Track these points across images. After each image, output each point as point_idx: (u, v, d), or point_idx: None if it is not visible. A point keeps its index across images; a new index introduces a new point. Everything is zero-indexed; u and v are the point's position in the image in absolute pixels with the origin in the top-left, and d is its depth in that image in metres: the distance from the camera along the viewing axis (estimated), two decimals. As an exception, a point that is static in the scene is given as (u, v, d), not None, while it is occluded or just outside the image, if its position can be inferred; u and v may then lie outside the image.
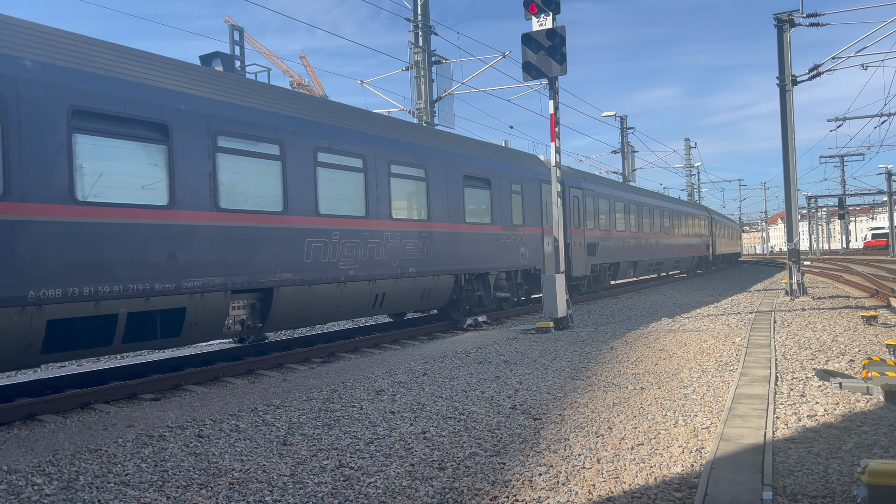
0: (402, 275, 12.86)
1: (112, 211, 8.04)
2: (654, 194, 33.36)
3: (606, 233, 23.63)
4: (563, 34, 13.76)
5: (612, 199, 24.74)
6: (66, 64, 7.77)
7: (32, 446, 6.27)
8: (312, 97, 13.14)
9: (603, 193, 24.02)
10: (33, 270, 7.29)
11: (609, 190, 25.02)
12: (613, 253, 24.36)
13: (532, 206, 17.98)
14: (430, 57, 22.51)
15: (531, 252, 17.76)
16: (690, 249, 37.49)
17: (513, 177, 17.12)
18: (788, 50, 20.04)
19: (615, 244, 24.62)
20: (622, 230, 25.65)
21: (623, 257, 25.60)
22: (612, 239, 24.32)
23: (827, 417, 6.41)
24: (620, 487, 4.83)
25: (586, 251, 21.27)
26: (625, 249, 25.74)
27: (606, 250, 23.47)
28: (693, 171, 65.18)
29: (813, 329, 12.51)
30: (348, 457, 5.69)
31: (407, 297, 13.23)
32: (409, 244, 13.18)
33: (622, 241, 25.52)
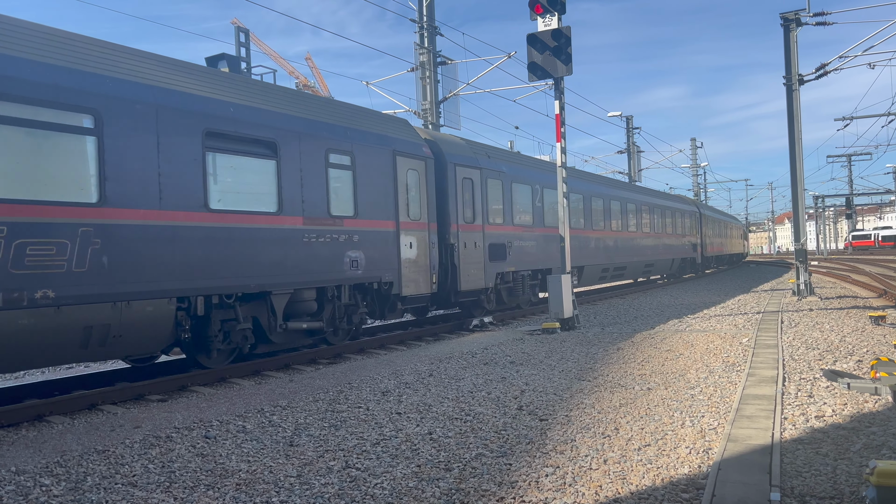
0: (15, 304, 7.33)
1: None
2: (610, 182, 27.07)
3: (526, 230, 17.92)
4: (569, 34, 13.74)
5: (536, 185, 18.94)
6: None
7: (40, 447, 6.30)
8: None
9: (520, 177, 18.17)
10: None
11: (532, 173, 19.10)
12: (540, 256, 18.67)
13: (378, 189, 12.47)
14: (436, 58, 22.53)
15: (373, 257, 12.22)
16: (668, 250, 31.32)
17: (331, 141, 11.49)
18: (795, 49, 19.97)
19: (542, 245, 18.87)
20: (554, 225, 19.44)
21: (556, 261, 19.23)
22: (536, 238, 18.55)
23: (835, 418, 6.38)
24: (627, 488, 4.82)
25: (487, 255, 15.85)
26: (558, 252, 20.18)
27: (526, 253, 17.77)
28: (699, 172, 65.03)
29: (820, 329, 12.46)
30: (355, 458, 5.70)
31: (32, 346, 7.57)
32: (35, 250, 7.57)
33: (554, 241, 19.48)
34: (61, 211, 7.83)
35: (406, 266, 13.11)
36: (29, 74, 7.67)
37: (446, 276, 14.56)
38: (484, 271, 15.82)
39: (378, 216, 12.53)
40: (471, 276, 15.26)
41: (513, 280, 17.43)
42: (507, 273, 17.04)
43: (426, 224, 13.82)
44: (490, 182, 16.56)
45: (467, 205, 15.52)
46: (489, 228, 16.27)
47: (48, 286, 7.63)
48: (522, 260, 17.71)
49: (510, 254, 17.06)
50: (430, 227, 13.92)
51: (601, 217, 23.58)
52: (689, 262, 36.09)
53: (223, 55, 12.11)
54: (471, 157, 16.00)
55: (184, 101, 9.24)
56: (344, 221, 11.71)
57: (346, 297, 11.89)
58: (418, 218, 13.54)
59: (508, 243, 17.02)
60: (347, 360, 11.44)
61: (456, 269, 14.76)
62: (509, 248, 17.07)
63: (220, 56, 12.10)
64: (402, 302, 13.09)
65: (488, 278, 16.01)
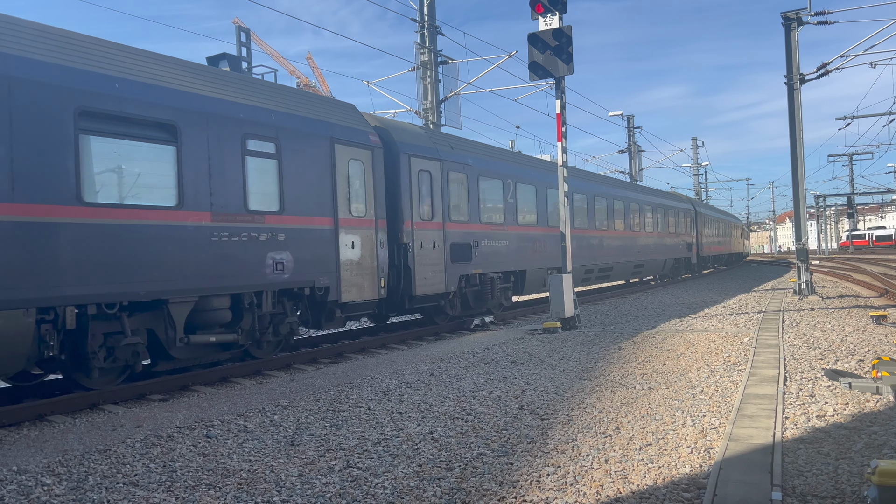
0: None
1: None
2: (596, 177, 25.20)
3: (496, 228, 16.38)
4: (570, 34, 13.74)
5: (508, 179, 17.34)
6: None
7: (42, 447, 6.31)
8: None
9: (490, 171, 16.56)
10: None
11: (504, 167, 17.44)
12: (512, 257, 17.15)
13: (311, 181, 10.91)
14: (437, 57, 22.52)
15: (303, 258, 10.68)
16: (661, 250, 29.70)
17: (251, 126, 9.98)
18: (796, 48, 19.96)
19: (515, 245, 17.33)
20: (530, 224, 18.27)
21: (532, 263, 18.16)
22: (508, 238, 16.97)
23: (836, 418, 6.38)
24: (629, 488, 4.82)
25: (448, 255, 14.37)
26: (534, 252, 18.35)
27: (496, 254, 16.23)
28: (700, 171, 65.00)
29: (822, 329, 12.45)
30: (356, 457, 5.70)
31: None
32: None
33: (530, 241, 18.09)
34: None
35: (347, 269, 11.53)
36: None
37: (399, 279, 13.11)
38: (444, 273, 14.19)
39: (311, 212, 10.94)
40: (428, 279, 13.66)
41: (480, 283, 15.80)
42: (473, 275, 15.42)
43: (373, 221, 12.22)
44: (453, 175, 14.97)
45: (424, 200, 13.91)
46: (451, 226, 14.71)
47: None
48: (492, 261, 16.12)
49: (477, 254, 15.48)
50: (377, 224, 12.33)
51: (585, 215, 22.12)
52: (684, 262, 34.51)
53: (224, 55, 12.11)
54: (429, 148, 14.37)
55: (49, 73, 7.76)
56: (266, 218, 10.14)
57: (269, 305, 10.31)
58: (363, 214, 11.98)
59: (474, 243, 15.38)
60: (348, 359, 11.45)
61: (410, 271, 13.16)
62: (475, 248, 15.44)
63: (221, 56, 12.10)
64: (341, 309, 11.56)
65: (450, 281, 14.38)
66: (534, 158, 21.02)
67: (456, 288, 14.66)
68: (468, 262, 15.14)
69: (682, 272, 34.66)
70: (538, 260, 18.45)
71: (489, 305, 16.44)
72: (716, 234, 43.02)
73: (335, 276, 11.30)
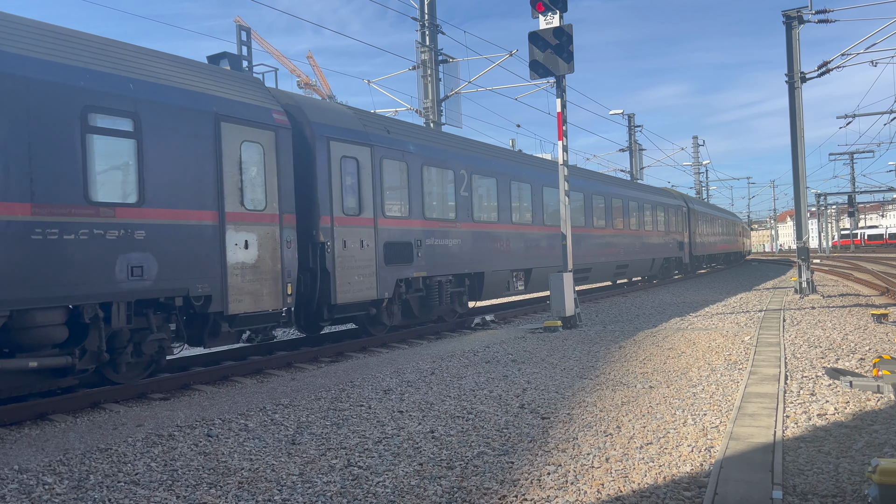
0: None
1: None
2: (572, 170, 21.84)
3: (446, 225, 14.47)
4: (571, 32, 13.73)
5: (462, 170, 15.40)
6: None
7: (43, 446, 6.32)
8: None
9: (438, 159, 14.58)
10: None
11: (456, 155, 15.37)
12: (468, 258, 15.28)
13: (185, 166, 9.06)
14: (437, 56, 22.52)
15: (172, 261, 8.80)
16: (647, 249, 27.64)
17: (95, 96, 8.16)
18: (797, 47, 19.95)
19: (471, 244, 15.45)
20: (490, 220, 16.33)
21: (493, 264, 16.21)
22: (461, 236, 15.12)
23: (837, 416, 6.38)
24: (629, 487, 4.82)
25: (381, 256, 12.49)
26: (496, 252, 16.33)
27: (446, 254, 14.38)
28: (701, 170, 65.01)
29: (823, 327, 12.45)
30: (357, 456, 5.70)
31: None
32: None
33: (489, 240, 16.17)
34: None
35: (237, 273, 9.63)
36: None
37: (315, 284, 11.27)
38: (376, 277, 12.31)
39: (185, 204, 8.99)
40: (353, 284, 11.75)
41: (426, 287, 13.99)
42: (415, 279, 13.58)
43: (276, 216, 10.33)
44: (389, 164, 13.02)
45: (350, 192, 11.95)
46: (386, 223, 12.80)
47: None
48: (440, 262, 14.21)
49: (420, 255, 13.57)
50: (282, 219, 10.43)
51: (556, 212, 19.51)
52: (675, 262, 32.57)
53: (225, 53, 12.10)
54: (356, 131, 12.32)
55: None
56: (117, 211, 8.25)
57: (123, 319, 8.43)
58: (261, 207, 10.09)
59: (417, 242, 13.49)
60: (349, 358, 11.45)
61: (329, 275, 11.27)
62: (418, 247, 13.54)
63: (221, 54, 12.10)
64: (230, 322, 9.68)
65: (384, 286, 12.52)
66: (496, 147, 18.41)
67: (392, 294, 12.82)
68: (408, 263, 13.24)
69: (673, 273, 32.82)
70: (500, 260, 16.52)
71: (439, 313, 14.68)
72: (711, 232, 41.26)
73: (220, 282, 9.37)
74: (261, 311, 10.07)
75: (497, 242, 16.51)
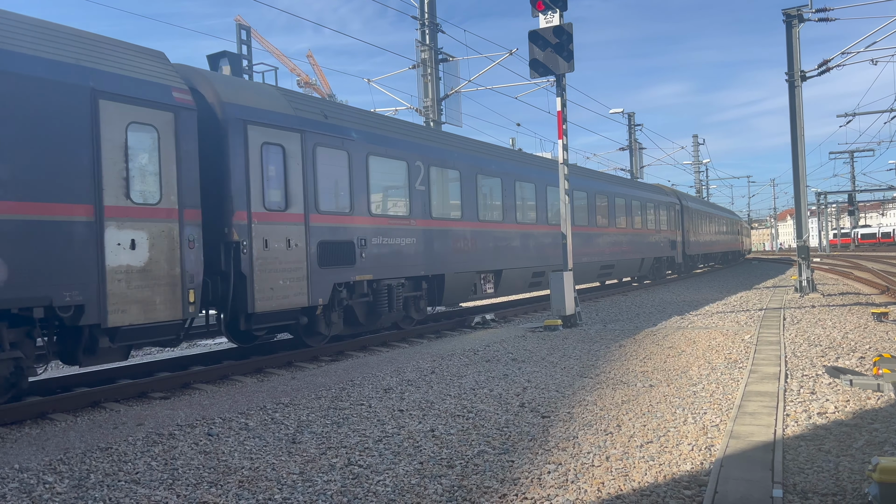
0: None
1: None
2: (546, 162, 20.65)
3: (396, 223, 13.01)
4: (571, 31, 13.73)
5: (417, 161, 13.83)
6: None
7: (44, 445, 6.32)
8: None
9: (387, 149, 13.06)
10: None
11: (410, 145, 13.83)
12: (425, 259, 13.80)
13: (52, 151, 7.69)
14: (437, 55, 22.51)
15: (28, 264, 7.44)
16: (635, 249, 26.15)
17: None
18: (797, 45, 19.94)
19: (428, 244, 13.95)
20: (452, 217, 14.82)
21: (455, 265, 14.68)
22: (415, 234, 13.63)
23: (837, 415, 6.38)
24: (630, 485, 4.82)
25: (315, 257, 11.04)
26: (458, 252, 14.74)
27: (397, 255, 12.97)
28: (701, 168, 65.01)
29: (823, 326, 12.45)
30: (357, 455, 5.71)
31: None
32: None
33: (450, 239, 14.65)
34: None
35: (119, 279, 8.22)
36: None
37: (227, 290, 9.79)
38: (307, 281, 10.84)
39: (46, 196, 7.57)
40: (278, 289, 10.32)
41: (373, 292, 12.53)
42: (358, 283, 12.13)
43: (174, 211, 8.91)
44: (324, 152, 11.44)
45: (274, 184, 10.51)
46: (321, 219, 11.28)
47: None
48: (390, 264, 12.77)
49: (365, 256, 12.11)
50: (183, 215, 9.02)
51: (531, 209, 18.19)
52: (667, 261, 31.08)
53: (225, 53, 12.11)
54: (283, 115, 10.81)
55: None
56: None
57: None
58: (154, 201, 8.70)
59: (361, 241, 12.04)
60: (349, 357, 11.45)
61: (246, 279, 9.84)
62: (362, 247, 12.07)
63: (221, 54, 12.11)
64: (111, 337, 8.27)
65: (317, 291, 11.04)
66: (458, 137, 16.66)
67: (329, 300, 11.44)
68: (350, 265, 11.76)
69: (665, 273, 31.19)
70: (464, 262, 14.97)
71: (391, 320, 13.22)
72: (707, 230, 39.68)
73: (95, 289, 7.96)
74: (153, 323, 8.60)
75: (460, 242, 15.04)
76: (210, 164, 9.90)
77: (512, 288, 17.18)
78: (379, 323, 12.89)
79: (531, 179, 18.32)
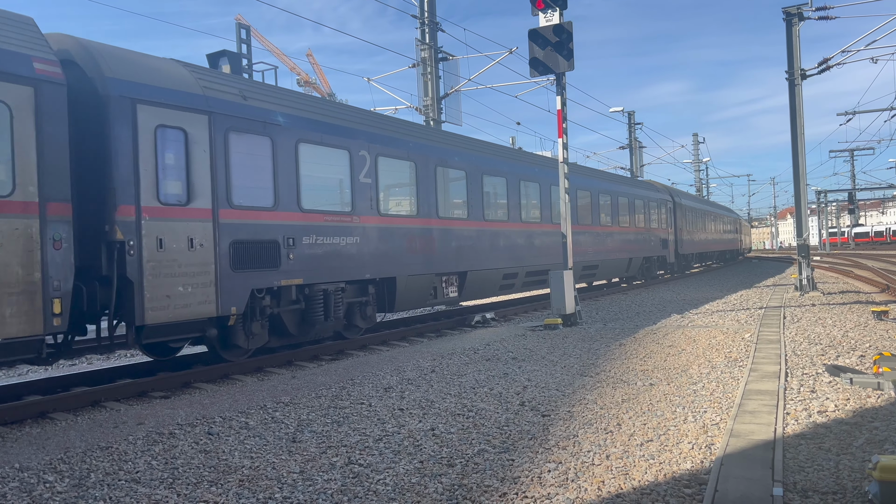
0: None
1: None
2: (524, 156, 19.03)
3: (333, 220, 11.47)
4: (570, 30, 13.72)
5: (359, 150, 12.22)
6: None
7: (44, 444, 6.32)
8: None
9: (320, 136, 11.47)
10: None
11: (347, 132, 12.06)
12: (370, 260, 12.26)
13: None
14: (437, 54, 22.50)
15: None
16: (623, 248, 24.87)
17: None
18: (797, 44, 19.93)
19: (374, 243, 12.38)
20: (403, 214, 13.34)
21: (412, 267, 13.34)
22: (360, 232, 12.05)
23: (837, 413, 6.38)
24: (630, 484, 4.82)
25: (228, 258, 9.66)
26: (411, 252, 13.39)
27: (335, 256, 11.45)
28: (701, 167, 64.99)
29: (823, 325, 12.45)
30: (357, 454, 5.71)
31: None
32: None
33: (406, 238, 13.25)
34: None
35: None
36: None
37: (108, 299, 8.40)
38: (216, 287, 9.37)
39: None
40: (176, 297, 8.85)
41: (305, 299, 11.10)
42: (286, 289, 10.70)
43: (32, 204, 7.50)
44: (241, 139, 9.98)
45: (171, 173, 9.03)
46: (234, 215, 9.81)
47: None
48: (326, 266, 11.24)
49: (293, 257, 10.61)
50: (45, 209, 7.61)
51: (501, 206, 16.77)
52: (658, 261, 29.72)
53: (224, 52, 12.10)
54: (186, 93, 9.33)
55: None
56: None
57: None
58: (5, 193, 7.29)
59: (288, 240, 10.54)
60: (350, 356, 11.45)
61: (133, 286, 8.41)
62: (290, 247, 10.59)
63: (221, 53, 12.09)
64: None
65: (230, 299, 9.56)
66: (411, 124, 14.83)
67: (246, 308, 10.02)
68: (273, 268, 10.32)
69: (657, 273, 29.72)
70: (418, 263, 13.54)
71: (330, 329, 11.83)
72: (702, 229, 38.14)
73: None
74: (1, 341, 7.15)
75: (414, 240, 13.50)
76: (89, 150, 8.54)
77: (479, 291, 15.87)
78: (314, 333, 11.52)
79: (502, 173, 16.66)
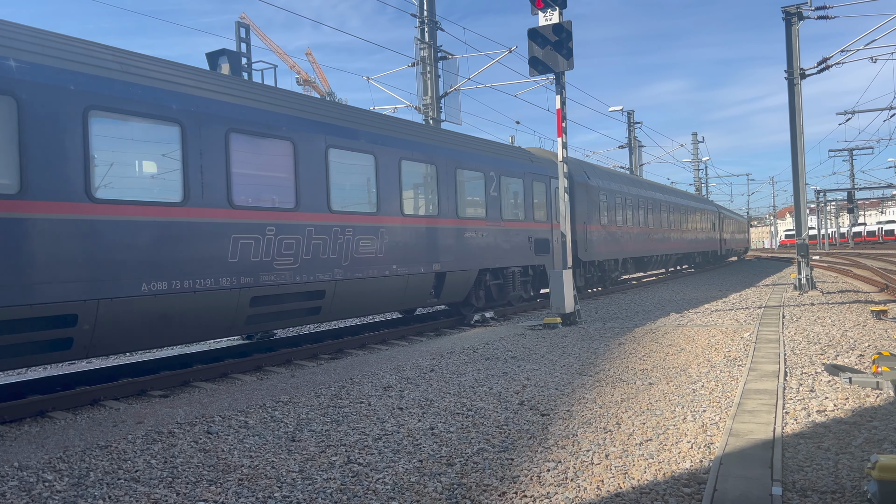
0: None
1: None
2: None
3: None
4: (570, 29, 13.72)
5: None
6: None
7: (43, 443, 6.31)
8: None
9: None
10: None
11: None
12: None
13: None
14: (437, 52, 22.48)
15: None
16: (410, 258, 14.76)
17: None
18: (797, 43, 19.93)
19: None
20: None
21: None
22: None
23: (836, 412, 6.38)
24: (629, 483, 4.82)
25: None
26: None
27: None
28: (701, 166, 64.96)
29: (822, 324, 12.45)
30: (357, 453, 5.71)
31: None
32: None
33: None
34: None
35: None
36: None
37: None
38: None
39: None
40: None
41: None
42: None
43: None
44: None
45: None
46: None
47: None
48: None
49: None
50: None
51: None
52: (523, 274, 18.27)
53: (223, 51, 12.09)
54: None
55: None
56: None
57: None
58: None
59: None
60: (349, 355, 11.45)
61: None
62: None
63: (220, 52, 12.08)
64: None
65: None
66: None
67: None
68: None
69: (520, 296, 18.00)
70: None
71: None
72: (641, 222, 27.29)
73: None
74: None
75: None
76: None
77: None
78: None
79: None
